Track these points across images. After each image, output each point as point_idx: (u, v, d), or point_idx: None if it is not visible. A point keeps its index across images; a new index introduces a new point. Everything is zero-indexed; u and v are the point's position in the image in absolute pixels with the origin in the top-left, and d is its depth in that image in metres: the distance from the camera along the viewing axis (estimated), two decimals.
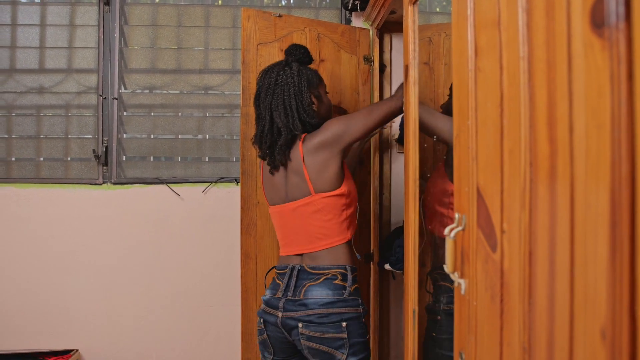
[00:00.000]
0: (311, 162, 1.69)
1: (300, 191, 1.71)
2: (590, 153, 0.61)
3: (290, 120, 1.71)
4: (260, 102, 1.76)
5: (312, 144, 1.70)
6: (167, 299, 2.59)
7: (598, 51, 0.60)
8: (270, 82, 1.74)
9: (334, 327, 1.62)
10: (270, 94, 1.73)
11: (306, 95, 1.74)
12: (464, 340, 1.03)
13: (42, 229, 2.56)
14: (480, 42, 0.96)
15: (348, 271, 1.69)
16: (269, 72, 1.76)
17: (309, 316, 1.63)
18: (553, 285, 0.69)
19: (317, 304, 1.64)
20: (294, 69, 1.75)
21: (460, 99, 1.05)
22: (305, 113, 1.72)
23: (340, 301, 1.64)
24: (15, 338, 2.54)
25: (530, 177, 0.76)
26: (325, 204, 1.69)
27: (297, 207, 1.72)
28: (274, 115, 1.72)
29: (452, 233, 1.03)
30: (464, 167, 1.03)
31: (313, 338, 1.63)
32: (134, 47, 2.67)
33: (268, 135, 1.73)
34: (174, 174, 2.64)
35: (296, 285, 1.69)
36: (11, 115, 2.62)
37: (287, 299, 1.68)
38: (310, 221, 1.71)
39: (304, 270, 1.71)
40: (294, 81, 1.73)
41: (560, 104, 0.68)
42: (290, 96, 1.72)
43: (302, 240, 1.73)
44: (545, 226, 0.72)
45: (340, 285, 1.66)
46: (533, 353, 0.75)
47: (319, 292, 1.65)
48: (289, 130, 1.71)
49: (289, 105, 1.71)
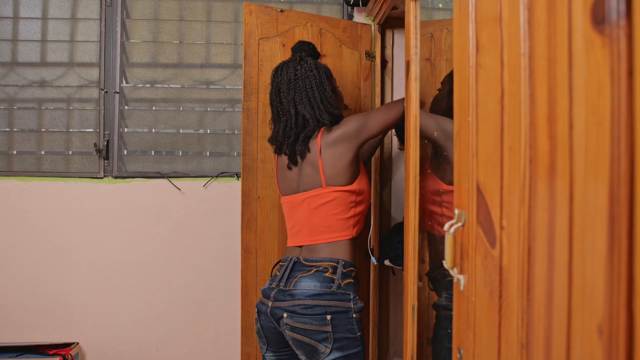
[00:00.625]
0: (327, 155, 1.71)
1: (312, 182, 1.73)
2: (590, 150, 0.61)
3: (317, 112, 1.74)
4: (282, 97, 1.77)
5: (331, 138, 1.72)
6: (168, 293, 2.60)
7: (599, 48, 0.60)
8: (290, 77, 1.76)
9: (318, 319, 1.61)
10: (292, 88, 1.75)
11: (327, 87, 1.77)
12: (462, 336, 1.03)
13: (44, 222, 2.56)
14: (482, 38, 0.96)
15: (339, 264, 1.68)
16: (284, 68, 1.79)
17: (293, 306, 1.63)
18: (551, 281, 0.70)
19: (304, 295, 1.63)
20: (310, 62, 1.78)
21: (461, 95, 1.05)
22: (329, 104, 1.76)
23: (327, 294, 1.63)
24: (17, 331, 2.55)
25: (530, 173, 0.76)
26: (334, 198, 1.71)
27: (306, 198, 1.74)
28: (299, 108, 1.74)
29: (451, 229, 1.04)
30: (464, 163, 1.03)
31: (296, 329, 1.62)
32: (136, 41, 2.67)
33: (293, 129, 1.75)
34: (175, 169, 2.64)
35: (289, 277, 1.71)
36: (13, 108, 2.63)
37: (279, 289, 1.70)
38: (316, 213, 1.73)
39: (299, 262, 1.72)
40: (314, 74, 1.76)
41: (560, 100, 0.69)
42: (313, 88, 1.74)
43: (305, 232, 1.75)
44: (544, 222, 0.72)
45: (329, 277, 1.65)
46: (531, 349, 0.75)
47: (307, 283, 1.66)
48: (317, 122, 1.74)
49: (313, 98, 1.74)
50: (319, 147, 1.71)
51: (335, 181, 1.71)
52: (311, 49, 1.84)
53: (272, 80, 1.81)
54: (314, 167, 1.72)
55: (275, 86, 1.79)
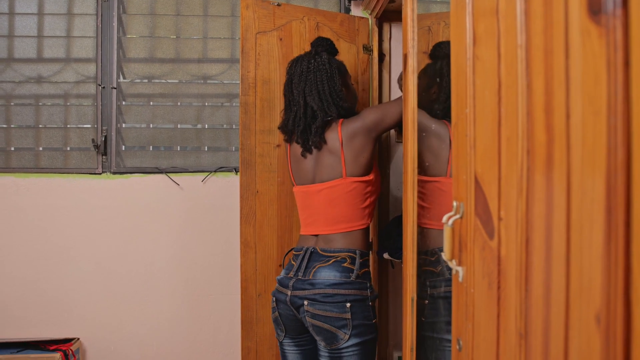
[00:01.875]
0: (349, 145, 1.77)
1: (332, 173, 1.78)
2: (587, 140, 0.61)
3: (325, 104, 1.80)
4: (294, 88, 1.84)
5: (352, 128, 1.78)
6: (167, 288, 2.61)
7: (595, 38, 0.60)
8: (303, 69, 1.83)
9: (338, 306, 1.67)
10: (304, 80, 1.82)
11: (337, 81, 1.83)
12: (461, 327, 1.03)
13: (42, 218, 2.56)
14: (479, 30, 0.96)
15: (357, 255, 1.75)
16: (299, 61, 1.86)
17: (314, 295, 1.70)
18: (549, 271, 0.70)
19: (324, 284, 1.70)
20: (324, 57, 1.84)
21: (458, 88, 1.05)
22: (337, 97, 1.82)
23: (347, 283, 1.70)
24: (17, 327, 2.56)
25: (528, 164, 0.77)
26: (354, 188, 1.76)
27: (324, 188, 1.79)
28: (307, 100, 1.81)
29: (450, 221, 1.04)
30: (462, 155, 1.03)
31: (317, 316, 1.69)
32: (133, 36, 2.66)
33: (302, 119, 1.82)
34: (173, 164, 2.64)
35: (307, 267, 1.76)
36: (10, 104, 2.62)
37: (298, 278, 1.76)
38: (335, 203, 1.78)
39: (316, 252, 1.77)
40: (326, 68, 1.82)
41: (557, 91, 0.69)
42: (323, 81, 1.81)
43: (321, 221, 1.80)
44: (541, 213, 0.72)
45: (348, 267, 1.72)
46: (529, 339, 0.76)
47: (327, 273, 1.72)
48: (325, 114, 1.79)
49: (322, 90, 1.80)
50: (340, 138, 1.77)
51: (356, 171, 1.77)
52: (328, 45, 1.90)
53: (287, 72, 1.89)
54: (336, 158, 1.77)
55: (289, 77, 1.87)
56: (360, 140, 1.77)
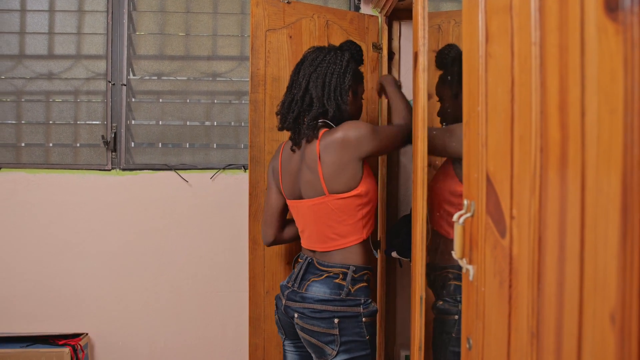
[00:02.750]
0: (327, 162, 1.63)
1: (314, 190, 1.68)
2: (602, 138, 0.61)
3: (325, 96, 1.69)
4: (302, 69, 1.74)
5: (330, 140, 1.64)
6: (176, 284, 2.61)
7: (612, 35, 0.60)
8: (318, 56, 1.73)
9: (325, 322, 1.63)
10: (315, 65, 1.72)
11: (348, 82, 1.72)
12: (471, 326, 1.03)
13: (52, 214, 2.58)
14: (492, 27, 0.96)
15: (350, 270, 1.67)
16: (319, 49, 1.77)
17: (303, 309, 1.66)
18: (562, 270, 0.70)
19: (313, 299, 1.65)
20: (346, 55, 1.75)
21: (470, 85, 1.05)
22: (340, 94, 1.71)
23: (337, 300, 1.64)
24: (27, 321, 2.57)
25: (541, 163, 0.76)
26: (339, 205, 1.66)
27: (312, 205, 1.70)
28: (310, 85, 1.70)
29: (460, 219, 1.04)
30: (473, 153, 1.03)
31: (305, 329, 1.67)
32: (143, 33, 2.67)
33: (298, 103, 1.71)
34: (182, 161, 2.65)
35: (302, 278, 1.72)
36: (21, 100, 2.64)
37: (293, 289, 1.72)
38: (324, 221, 1.69)
39: (313, 264, 1.73)
40: (342, 64, 1.72)
41: (572, 89, 0.68)
42: (333, 75, 1.70)
43: (315, 238, 1.73)
44: (555, 212, 0.72)
45: (338, 284, 1.66)
46: (541, 338, 0.75)
47: (318, 288, 1.67)
48: (322, 105, 1.69)
49: (329, 82, 1.70)
50: (318, 151, 1.65)
51: (338, 188, 1.65)
52: (357, 51, 1.80)
53: (303, 54, 1.79)
54: (314, 174, 1.66)
55: (302, 59, 1.77)
56: (340, 158, 1.62)
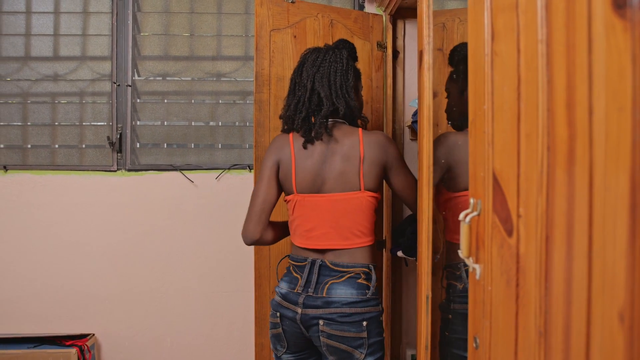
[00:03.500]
0: (370, 156, 1.65)
1: (348, 184, 1.66)
2: (611, 135, 0.60)
3: (333, 94, 1.68)
4: (304, 71, 1.72)
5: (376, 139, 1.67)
6: (182, 284, 2.62)
7: (620, 32, 0.59)
8: (318, 56, 1.72)
9: (356, 326, 1.59)
10: (317, 66, 1.70)
11: (351, 79, 1.71)
12: (478, 325, 1.03)
13: (58, 215, 2.59)
14: (497, 25, 0.95)
15: (372, 270, 1.65)
16: (317, 50, 1.75)
17: (331, 314, 1.60)
18: (570, 268, 0.69)
19: (341, 303, 1.60)
20: (343, 53, 1.73)
21: (476, 84, 1.04)
22: (347, 92, 1.70)
23: (363, 301, 1.61)
24: (34, 322, 2.58)
25: (548, 161, 0.76)
26: (368, 202, 1.66)
27: (339, 200, 1.66)
28: (315, 85, 1.69)
29: (467, 218, 1.03)
30: (479, 152, 1.03)
31: (333, 336, 1.60)
32: (147, 34, 2.67)
33: (306, 104, 1.69)
34: (187, 161, 2.65)
35: (318, 282, 1.64)
36: (27, 102, 2.65)
37: (308, 295, 1.63)
38: (351, 217, 1.66)
39: (326, 266, 1.65)
40: (343, 62, 1.71)
41: (579, 86, 0.68)
42: (337, 73, 1.69)
43: (334, 235, 1.66)
44: (562, 210, 0.72)
45: (364, 284, 1.63)
46: (549, 337, 0.75)
47: (342, 290, 1.61)
48: (332, 103, 1.67)
49: (334, 81, 1.69)
50: (362, 147, 1.65)
51: (371, 186, 1.66)
52: (351, 48, 1.80)
53: (301, 57, 1.76)
54: (353, 167, 1.65)
55: (301, 61, 1.75)
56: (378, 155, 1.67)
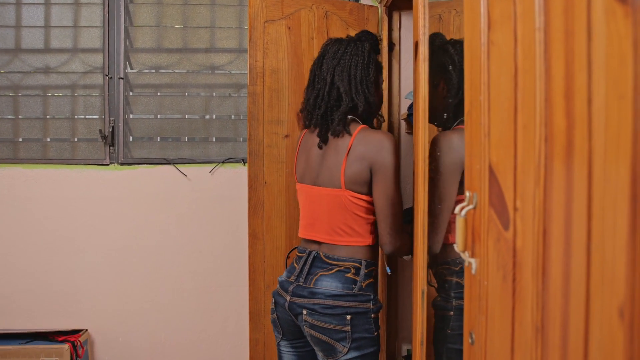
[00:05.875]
0: (354, 151, 1.60)
1: (331, 180, 1.63)
2: (611, 125, 0.58)
3: (353, 89, 1.64)
4: (324, 63, 1.67)
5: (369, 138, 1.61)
6: (175, 279, 2.60)
7: (620, 18, 0.57)
8: (339, 49, 1.67)
9: (337, 319, 1.58)
10: (337, 58, 1.66)
11: (372, 73, 1.68)
12: (474, 321, 1.01)
13: (50, 209, 2.56)
14: (494, 14, 0.93)
15: (362, 265, 1.63)
16: (338, 41, 1.71)
17: (313, 305, 1.60)
18: (568, 263, 0.67)
19: (324, 295, 1.60)
20: (365, 46, 1.69)
21: (472, 74, 1.02)
22: (367, 87, 1.66)
23: (349, 295, 1.60)
24: (26, 318, 2.56)
25: (546, 152, 0.74)
26: (351, 203, 1.62)
27: (325, 195, 1.65)
28: (335, 79, 1.65)
29: (462, 211, 1.01)
30: (475, 144, 1.01)
31: (315, 327, 1.60)
32: (140, 26, 2.64)
33: (325, 98, 1.65)
34: (181, 155, 2.63)
35: (309, 272, 1.65)
36: (17, 95, 2.61)
37: (298, 284, 1.65)
38: (335, 213, 1.64)
39: (319, 257, 1.66)
40: (364, 55, 1.67)
41: (578, 75, 0.66)
42: (357, 66, 1.65)
43: (324, 229, 1.66)
44: (560, 203, 0.70)
45: (351, 279, 1.61)
46: (546, 332, 0.73)
47: (329, 282, 1.61)
48: (351, 99, 1.64)
49: (354, 75, 1.65)
50: (350, 144, 1.61)
51: (353, 186, 1.61)
52: (374, 40, 1.74)
53: (321, 48, 1.73)
54: (338, 163, 1.62)
55: (321, 53, 1.71)
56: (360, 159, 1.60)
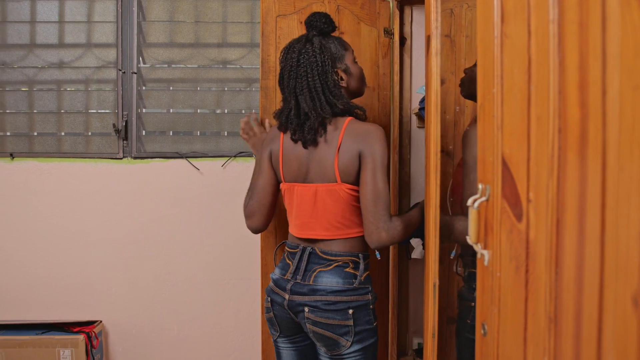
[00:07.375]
0: (345, 145, 1.60)
1: (326, 175, 1.62)
2: (625, 115, 0.59)
3: (318, 104, 1.62)
4: (284, 85, 1.67)
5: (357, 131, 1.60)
6: (188, 273, 2.62)
7: (635, 9, 0.57)
8: (293, 64, 1.64)
9: (340, 314, 1.59)
10: (294, 77, 1.64)
11: (331, 75, 1.64)
12: (486, 312, 1.02)
13: (65, 202, 2.59)
14: (507, 6, 0.93)
15: (360, 259, 1.64)
16: (290, 52, 1.67)
17: (315, 302, 1.60)
18: (582, 253, 0.68)
19: (326, 291, 1.60)
20: (315, 45, 1.64)
21: (485, 67, 1.03)
22: (331, 95, 1.63)
23: (350, 290, 1.60)
24: (41, 309, 2.60)
25: (559, 143, 0.74)
26: (348, 195, 1.62)
27: (320, 190, 1.64)
28: (299, 100, 1.63)
29: (475, 203, 1.02)
30: (488, 136, 1.01)
31: (318, 323, 1.60)
32: (152, 21, 2.65)
33: (294, 119, 1.65)
34: (193, 149, 2.65)
35: (306, 269, 1.65)
36: (32, 90, 2.64)
37: (296, 282, 1.64)
38: (330, 208, 1.63)
39: (315, 253, 1.65)
40: (317, 60, 1.62)
41: (592, 66, 0.66)
42: (315, 77, 1.62)
43: (321, 226, 1.65)
44: (574, 193, 0.70)
45: (351, 273, 1.62)
46: (560, 323, 0.74)
47: (329, 279, 1.61)
48: (318, 114, 1.62)
49: (314, 88, 1.62)
50: (341, 138, 1.60)
51: (349, 179, 1.61)
52: (322, 23, 1.67)
53: (280, 63, 1.71)
54: (330, 159, 1.61)
55: (281, 70, 1.69)
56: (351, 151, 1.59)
